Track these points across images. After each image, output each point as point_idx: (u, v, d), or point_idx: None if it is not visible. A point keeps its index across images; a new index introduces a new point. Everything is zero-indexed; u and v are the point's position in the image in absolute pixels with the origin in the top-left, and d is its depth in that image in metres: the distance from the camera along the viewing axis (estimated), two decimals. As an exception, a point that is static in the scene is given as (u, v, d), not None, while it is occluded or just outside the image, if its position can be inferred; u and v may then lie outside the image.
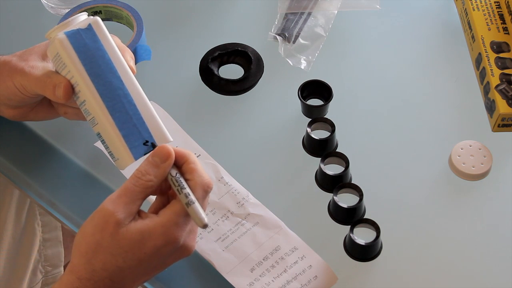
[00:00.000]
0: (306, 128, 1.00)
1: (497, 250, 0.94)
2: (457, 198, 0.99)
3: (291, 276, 0.90)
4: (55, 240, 1.24)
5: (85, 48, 0.84)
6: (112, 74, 0.84)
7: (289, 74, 1.08)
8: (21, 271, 1.19)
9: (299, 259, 0.91)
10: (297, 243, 0.92)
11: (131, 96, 0.84)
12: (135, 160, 0.83)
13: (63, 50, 0.84)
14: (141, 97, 0.85)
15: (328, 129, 1.01)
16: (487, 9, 1.10)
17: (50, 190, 0.98)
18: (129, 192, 0.78)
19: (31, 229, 1.18)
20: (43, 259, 1.23)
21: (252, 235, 0.93)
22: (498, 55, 1.05)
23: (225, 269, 0.91)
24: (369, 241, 0.92)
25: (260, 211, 0.94)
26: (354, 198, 0.95)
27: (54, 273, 1.24)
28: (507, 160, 1.01)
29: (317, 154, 1.01)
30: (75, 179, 0.99)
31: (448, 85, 1.08)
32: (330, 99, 1.03)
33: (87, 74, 0.84)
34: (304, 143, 1.02)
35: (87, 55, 0.84)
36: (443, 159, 1.01)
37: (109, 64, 0.85)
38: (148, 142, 0.83)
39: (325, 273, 0.90)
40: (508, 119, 1.01)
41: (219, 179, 0.97)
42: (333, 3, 1.14)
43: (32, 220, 1.18)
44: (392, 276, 0.92)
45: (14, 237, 1.15)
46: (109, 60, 0.85)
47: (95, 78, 0.84)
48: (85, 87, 0.84)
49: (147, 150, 0.83)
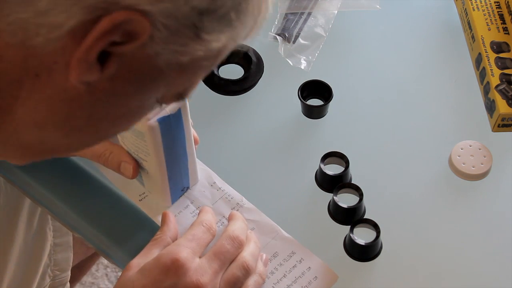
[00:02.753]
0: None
1: (497, 250, 0.94)
2: (457, 198, 0.99)
3: (291, 280, 0.90)
4: (66, 245, 1.23)
5: (169, 132, 0.86)
6: (182, 149, 0.89)
7: (289, 74, 1.08)
8: (31, 275, 1.19)
9: (298, 263, 0.91)
10: (294, 247, 0.92)
11: (188, 161, 0.90)
12: (171, 204, 0.93)
13: (151, 135, 0.85)
14: (193, 157, 0.91)
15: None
16: (487, 9, 1.10)
17: (64, 202, 0.98)
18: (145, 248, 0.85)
19: (42, 234, 1.18)
20: (53, 264, 1.22)
21: None
22: (498, 55, 1.05)
23: None
24: (369, 241, 0.92)
25: (255, 217, 0.94)
26: (354, 198, 0.95)
27: (61, 277, 1.24)
28: (507, 160, 1.01)
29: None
30: (88, 187, 0.99)
31: (448, 85, 1.08)
32: (330, 99, 1.03)
33: (163, 155, 0.87)
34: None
35: (169, 138, 0.86)
36: (443, 159, 1.01)
37: (183, 140, 0.88)
38: (185, 188, 0.94)
39: (324, 273, 0.90)
40: (508, 119, 1.01)
41: (212, 184, 0.96)
42: (333, 3, 1.14)
43: (44, 225, 1.18)
44: (392, 276, 0.92)
45: (25, 241, 1.15)
46: (183, 137, 0.88)
47: (168, 156, 0.87)
48: (155, 162, 0.88)
49: (182, 194, 0.94)
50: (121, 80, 0.59)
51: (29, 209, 1.14)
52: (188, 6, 0.56)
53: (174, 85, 0.63)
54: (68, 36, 0.55)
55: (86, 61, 0.55)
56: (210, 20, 0.58)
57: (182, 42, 0.58)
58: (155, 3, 0.54)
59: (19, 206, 1.13)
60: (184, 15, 0.56)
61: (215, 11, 0.57)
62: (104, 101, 0.60)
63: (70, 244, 1.24)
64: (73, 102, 0.59)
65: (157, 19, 0.55)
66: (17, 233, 1.14)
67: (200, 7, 0.56)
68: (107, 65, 0.57)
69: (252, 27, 0.62)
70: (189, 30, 0.57)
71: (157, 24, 0.55)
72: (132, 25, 0.54)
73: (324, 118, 1.05)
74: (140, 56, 0.57)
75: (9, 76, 0.58)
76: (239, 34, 0.61)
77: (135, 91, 0.61)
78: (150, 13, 0.55)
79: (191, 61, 0.60)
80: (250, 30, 0.63)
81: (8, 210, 1.11)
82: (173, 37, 0.57)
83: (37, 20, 0.54)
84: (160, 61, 0.58)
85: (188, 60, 0.59)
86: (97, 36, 0.54)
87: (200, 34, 0.58)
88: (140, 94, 0.61)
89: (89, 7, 0.54)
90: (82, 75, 0.56)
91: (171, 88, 0.63)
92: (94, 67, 0.56)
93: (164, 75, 0.60)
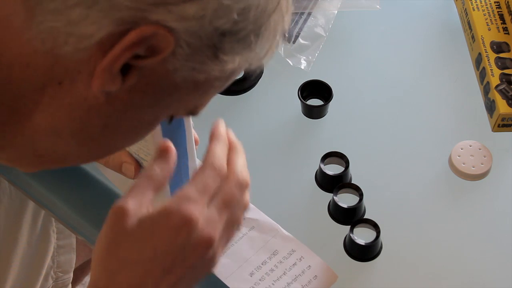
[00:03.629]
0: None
1: (497, 250, 0.94)
2: (457, 198, 0.99)
3: (291, 278, 0.90)
4: (69, 247, 1.23)
5: (169, 132, 0.84)
6: (183, 149, 0.87)
7: (289, 74, 1.08)
8: (34, 276, 1.19)
9: (298, 261, 0.91)
10: (294, 245, 0.92)
11: (188, 161, 0.89)
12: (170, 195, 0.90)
13: (152, 135, 0.83)
14: (193, 158, 0.89)
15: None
16: (487, 9, 1.10)
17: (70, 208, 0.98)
18: (135, 187, 0.75)
19: (46, 236, 1.18)
20: (56, 265, 1.22)
21: (249, 240, 0.93)
22: (498, 55, 1.05)
23: (224, 274, 0.91)
24: (369, 241, 0.92)
25: (256, 215, 0.94)
26: (354, 198, 0.95)
27: (64, 279, 1.24)
28: (507, 160, 1.01)
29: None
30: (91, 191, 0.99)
31: (448, 85, 1.08)
32: (330, 99, 1.03)
33: None
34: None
35: (170, 138, 0.85)
36: (443, 159, 1.01)
37: (183, 140, 0.87)
38: None
39: (324, 272, 0.90)
40: (508, 119, 1.01)
41: None
42: (333, 3, 1.14)
43: (47, 227, 1.18)
44: (392, 276, 0.92)
45: (29, 243, 1.15)
46: (184, 137, 0.87)
47: None
48: None
49: None
50: (138, 93, 0.61)
51: (33, 211, 1.14)
52: (212, 27, 0.58)
53: (186, 102, 0.65)
54: (95, 47, 0.57)
55: (110, 71, 0.58)
56: (230, 41, 0.60)
57: (200, 60, 0.60)
58: (182, 21, 0.57)
59: (23, 208, 1.13)
60: (207, 35, 0.59)
61: (237, 33, 0.60)
62: (121, 112, 0.62)
63: (73, 246, 1.24)
64: (91, 110, 0.61)
65: (181, 37, 0.58)
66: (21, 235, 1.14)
67: (223, 28, 0.59)
68: (128, 77, 0.59)
69: (267, 51, 0.65)
70: (209, 49, 0.60)
71: (181, 41, 0.58)
72: (157, 40, 0.57)
73: (324, 118, 1.05)
74: (159, 70, 0.60)
75: (33, 83, 0.60)
76: (254, 57, 0.64)
77: (150, 105, 0.63)
78: (176, 30, 0.57)
79: (205, 80, 0.62)
80: (265, 54, 0.65)
81: (12, 212, 1.11)
82: (193, 55, 0.60)
83: (68, 30, 0.56)
84: (177, 77, 0.61)
85: (203, 78, 0.62)
86: (124, 47, 0.57)
87: (218, 54, 0.61)
88: (154, 108, 0.64)
89: (118, 19, 0.56)
90: (104, 85, 0.59)
91: (182, 104, 0.65)
92: (117, 78, 0.58)
93: (179, 92, 0.63)
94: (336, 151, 1.00)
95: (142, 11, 0.56)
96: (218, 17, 0.59)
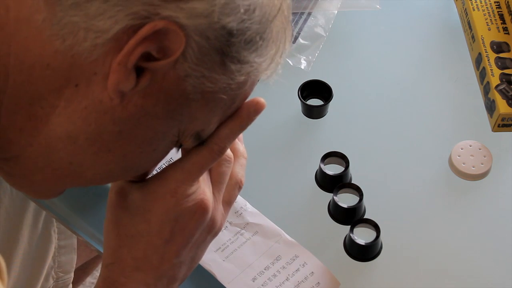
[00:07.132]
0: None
1: (497, 250, 0.94)
2: (457, 198, 0.99)
3: (294, 284, 0.90)
4: (70, 247, 1.23)
5: None
6: None
7: (289, 74, 1.08)
8: (35, 276, 1.19)
9: (301, 266, 0.91)
10: (297, 250, 0.92)
11: None
12: None
13: None
14: None
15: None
16: (487, 9, 1.10)
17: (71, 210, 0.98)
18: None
19: (47, 236, 1.18)
20: (57, 265, 1.23)
21: (252, 245, 0.92)
22: (498, 55, 1.05)
23: (226, 279, 0.90)
24: (369, 241, 0.92)
25: (259, 220, 0.94)
26: (354, 198, 0.95)
27: (64, 279, 1.24)
28: (507, 160, 1.01)
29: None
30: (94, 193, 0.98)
31: (448, 85, 1.08)
32: (330, 99, 1.03)
33: None
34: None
35: None
36: (443, 159, 1.01)
37: None
38: None
39: (327, 279, 0.90)
40: (508, 119, 1.01)
41: None
42: (333, 3, 1.14)
43: (49, 227, 1.18)
44: (392, 276, 0.92)
45: (30, 243, 1.15)
46: None
47: None
48: None
49: None
50: (151, 99, 0.63)
51: (34, 211, 1.14)
52: (220, 25, 0.61)
53: (195, 118, 0.67)
54: (112, 42, 0.59)
55: (126, 66, 0.59)
56: (237, 44, 0.63)
57: (209, 66, 0.62)
58: (192, 18, 0.59)
59: (24, 208, 1.13)
60: (215, 34, 0.61)
61: (243, 33, 0.62)
62: (135, 118, 0.63)
63: (75, 247, 1.25)
64: (106, 114, 0.62)
65: (191, 35, 0.60)
66: (22, 235, 1.14)
67: (230, 26, 0.61)
68: (141, 79, 0.61)
69: (272, 60, 0.68)
70: (216, 54, 0.62)
71: (191, 41, 0.60)
72: (169, 41, 0.59)
73: (324, 118, 1.05)
74: (171, 76, 0.62)
75: (52, 84, 0.61)
76: (259, 68, 0.67)
77: (163, 114, 0.64)
78: (186, 27, 0.59)
79: (213, 91, 0.64)
80: (269, 64, 0.68)
81: (13, 212, 1.11)
82: (202, 58, 0.62)
83: (86, 24, 0.58)
84: (187, 85, 0.63)
85: (211, 89, 0.64)
86: (139, 40, 0.58)
87: (225, 61, 0.63)
88: (166, 118, 0.65)
89: (133, 13, 0.58)
90: (120, 82, 0.60)
91: (191, 121, 0.67)
92: (131, 76, 0.60)
93: (189, 103, 0.64)
94: (336, 151, 1.00)
95: (154, 6, 0.58)
96: (226, 14, 0.60)
